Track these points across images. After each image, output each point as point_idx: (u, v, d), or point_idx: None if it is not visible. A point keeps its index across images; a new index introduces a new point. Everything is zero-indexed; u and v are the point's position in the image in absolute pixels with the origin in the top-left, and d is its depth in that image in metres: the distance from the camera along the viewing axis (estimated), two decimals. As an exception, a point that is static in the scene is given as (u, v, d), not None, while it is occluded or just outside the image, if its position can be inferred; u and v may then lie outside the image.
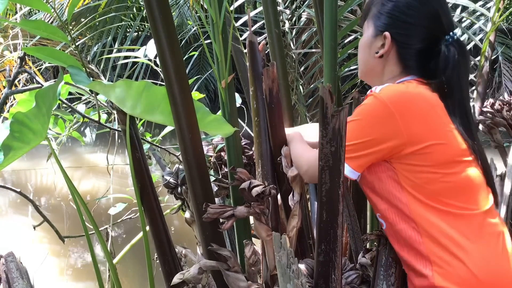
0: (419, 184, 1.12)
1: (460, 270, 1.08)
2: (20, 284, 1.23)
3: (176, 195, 1.50)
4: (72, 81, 1.19)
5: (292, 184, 1.24)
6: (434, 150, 1.11)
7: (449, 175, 1.12)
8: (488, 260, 1.09)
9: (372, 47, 1.24)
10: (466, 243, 1.09)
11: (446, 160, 1.12)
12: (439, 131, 1.12)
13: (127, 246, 1.87)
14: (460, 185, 1.13)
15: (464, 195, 1.13)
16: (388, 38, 1.20)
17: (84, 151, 7.96)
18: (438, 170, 1.11)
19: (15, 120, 1.11)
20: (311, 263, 1.21)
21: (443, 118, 1.14)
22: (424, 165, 1.11)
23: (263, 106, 1.32)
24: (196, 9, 4.17)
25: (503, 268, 1.11)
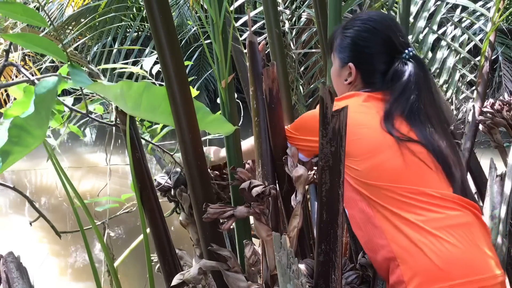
0: (363, 182, 1.21)
1: (422, 261, 1.12)
2: (20, 284, 1.23)
3: (169, 197, 1.49)
4: (72, 81, 1.19)
5: (295, 184, 1.25)
6: (355, 144, 1.23)
7: (376, 162, 1.21)
8: (449, 250, 1.13)
9: (341, 76, 1.41)
10: (425, 234, 1.14)
11: (368, 150, 1.22)
12: (355, 132, 1.23)
13: (129, 249, 1.87)
14: (395, 170, 1.21)
15: (404, 181, 1.20)
16: (353, 68, 1.37)
17: (84, 151, 7.97)
18: (364, 159, 1.21)
19: (13, 125, 1.09)
20: (311, 263, 1.21)
21: (361, 120, 1.26)
22: (353, 159, 1.22)
23: (263, 106, 1.32)
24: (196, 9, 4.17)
25: (467, 258, 1.13)
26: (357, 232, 1.26)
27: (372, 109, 1.29)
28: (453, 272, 1.11)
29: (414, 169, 1.22)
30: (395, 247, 1.16)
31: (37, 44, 1.15)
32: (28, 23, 1.17)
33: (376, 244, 1.20)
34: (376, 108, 1.29)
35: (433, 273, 1.11)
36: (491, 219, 1.78)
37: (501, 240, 1.75)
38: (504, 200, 1.77)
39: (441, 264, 1.11)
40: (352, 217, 1.26)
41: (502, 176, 1.83)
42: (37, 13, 1.13)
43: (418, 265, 1.12)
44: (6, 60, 1.36)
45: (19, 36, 1.20)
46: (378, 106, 1.30)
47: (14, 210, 5.47)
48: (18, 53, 3.46)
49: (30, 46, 1.16)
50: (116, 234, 4.62)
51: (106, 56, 3.79)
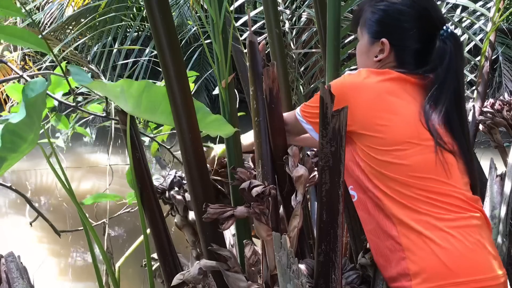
0: (379, 171, 1.16)
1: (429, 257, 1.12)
2: (20, 284, 1.23)
3: (164, 200, 1.49)
4: (73, 81, 1.19)
5: (295, 184, 1.24)
6: (381, 131, 1.16)
7: (401, 155, 1.15)
8: (458, 249, 1.12)
9: (370, 53, 1.30)
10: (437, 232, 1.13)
11: (395, 141, 1.15)
12: (383, 117, 1.17)
13: (130, 249, 1.87)
14: (420, 166, 1.15)
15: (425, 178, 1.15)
16: (387, 44, 1.26)
17: (84, 151, 7.96)
18: (390, 151, 1.15)
19: (6, 131, 1.08)
20: (311, 263, 1.21)
21: (392, 105, 1.18)
22: (373, 147, 1.16)
23: (263, 106, 1.32)
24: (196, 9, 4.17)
25: (473, 258, 1.13)
26: (363, 215, 1.23)
27: (406, 94, 1.20)
28: (458, 271, 1.11)
29: (436, 168, 1.17)
30: (405, 240, 1.14)
31: (18, 36, 1.14)
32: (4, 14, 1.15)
33: (384, 233, 1.18)
34: (411, 94, 1.20)
35: (439, 270, 1.11)
36: (491, 219, 1.78)
37: (501, 240, 1.75)
38: (504, 200, 1.77)
39: (448, 262, 1.11)
40: (361, 201, 1.22)
41: (502, 176, 1.83)
42: (12, 3, 1.12)
43: (425, 261, 1.12)
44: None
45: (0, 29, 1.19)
46: (413, 92, 1.21)
47: (14, 210, 5.46)
48: (18, 53, 3.46)
49: (11, 39, 1.15)
50: (116, 233, 4.62)
51: (106, 56, 3.78)
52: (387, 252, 1.18)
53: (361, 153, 1.18)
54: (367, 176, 1.18)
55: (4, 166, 1.15)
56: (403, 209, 1.15)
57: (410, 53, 1.25)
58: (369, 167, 1.17)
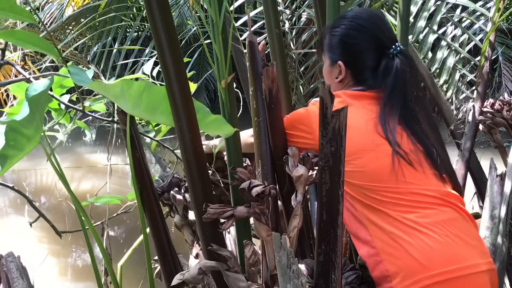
0: (346, 181, 1.20)
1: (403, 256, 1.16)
2: (20, 284, 1.23)
3: (163, 201, 1.49)
4: (73, 80, 1.19)
5: (295, 184, 1.25)
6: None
7: (359, 164, 1.23)
8: (429, 245, 1.16)
9: (332, 74, 1.42)
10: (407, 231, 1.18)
11: (351, 152, 1.19)
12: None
13: (130, 249, 1.87)
14: (378, 172, 1.22)
15: (385, 181, 1.22)
16: (342, 66, 1.38)
17: (84, 151, 7.96)
18: (349, 161, 1.20)
19: (9, 128, 1.09)
20: (311, 263, 1.21)
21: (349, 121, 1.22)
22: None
23: (263, 106, 1.32)
24: (196, 9, 4.17)
25: (447, 251, 1.16)
26: (346, 226, 1.30)
27: (360, 109, 1.29)
28: (430, 265, 1.15)
29: (394, 169, 1.23)
30: (378, 243, 1.20)
31: (27, 41, 1.14)
32: (16, 19, 1.15)
33: (362, 240, 1.24)
34: (365, 107, 1.30)
35: (413, 266, 1.15)
36: (491, 219, 1.78)
37: (501, 240, 1.75)
38: (504, 200, 1.78)
39: (421, 258, 1.15)
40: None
41: (502, 176, 1.83)
42: (24, 9, 1.12)
43: (400, 260, 1.16)
44: (2, 59, 1.36)
45: (9, 33, 1.19)
46: (368, 105, 1.31)
47: (14, 210, 5.47)
48: (18, 53, 3.46)
49: (20, 43, 1.15)
50: (116, 233, 4.62)
51: (106, 56, 3.78)
52: (366, 257, 1.24)
53: None
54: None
55: (7, 164, 1.15)
56: (372, 212, 1.21)
57: (364, 71, 1.37)
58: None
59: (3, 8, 1.10)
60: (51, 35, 4.08)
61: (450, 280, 1.14)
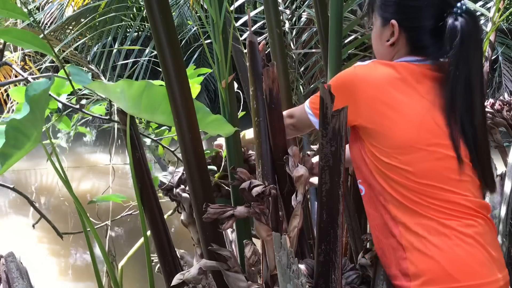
0: (383, 172, 1.14)
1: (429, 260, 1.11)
2: (20, 284, 1.23)
3: (171, 197, 1.49)
4: (73, 81, 1.19)
5: (296, 184, 1.24)
6: (384, 129, 1.12)
7: (404, 161, 1.12)
8: (458, 254, 1.11)
9: (383, 36, 1.24)
10: (440, 237, 1.12)
11: (397, 144, 1.12)
12: (385, 113, 1.13)
13: (132, 250, 1.87)
14: (424, 174, 1.12)
15: (429, 185, 1.12)
16: (396, 25, 1.20)
17: (84, 151, 7.96)
18: (393, 154, 1.12)
19: (9, 127, 1.09)
20: (311, 263, 1.21)
21: (395, 101, 1.13)
22: (378, 147, 1.13)
23: (263, 106, 1.32)
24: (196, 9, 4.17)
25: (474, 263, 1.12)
26: (368, 210, 1.22)
27: (413, 91, 1.14)
28: (457, 275, 1.10)
29: (441, 175, 1.13)
30: (405, 241, 1.14)
31: (22, 39, 1.13)
32: (8, 16, 1.15)
33: (387, 230, 1.17)
34: (420, 91, 1.15)
35: (438, 273, 1.11)
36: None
37: (501, 240, 1.75)
38: (504, 200, 1.78)
39: (448, 266, 1.10)
40: (368, 196, 1.21)
41: (502, 176, 1.83)
42: (17, 6, 1.11)
43: (425, 264, 1.12)
44: (1, 59, 1.36)
45: (4, 32, 1.17)
46: (424, 88, 1.15)
47: (14, 210, 5.47)
48: (18, 53, 3.46)
49: (16, 41, 1.14)
50: (117, 233, 4.62)
51: (106, 56, 3.78)
52: (390, 249, 1.17)
53: (368, 151, 1.17)
54: (373, 174, 1.16)
55: (7, 163, 1.15)
56: (406, 211, 1.14)
57: (422, 35, 1.19)
58: (375, 166, 1.16)
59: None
60: (51, 35, 4.08)
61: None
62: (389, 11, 1.22)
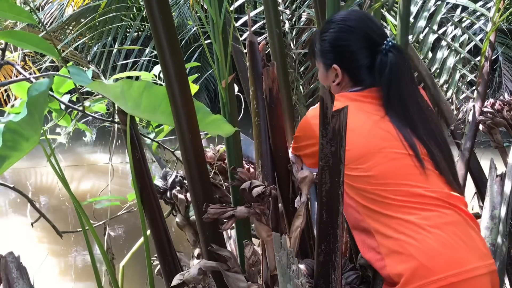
0: (351, 185, 1.23)
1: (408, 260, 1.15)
2: (20, 284, 1.23)
3: (165, 200, 1.49)
4: (73, 81, 1.19)
5: (300, 185, 1.25)
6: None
7: (364, 168, 1.23)
8: (433, 246, 1.16)
9: (328, 78, 1.42)
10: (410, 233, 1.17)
11: (355, 156, 1.23)
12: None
13: (132, 250, 1.87)
14: (383, 175, 1.23)
15: (390, 184, 1.22)
16: (338, 69, 1.38)
17: (84, 151, 7.96)
18: (354, 166, 1.23)
19: (7, 129, 1.08)
20: (311, 263, 1.21)
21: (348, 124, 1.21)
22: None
23: (263, 106, 1.32)
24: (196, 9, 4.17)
25: (450, 253, 1.16)
26: (352, 231, 1.30)
27: (361, 112, 1.29)
28: (435, 268, 1.14)
29: (401, 171, 1.24)
30: (383, 249, 1.19)
31: (27, 41, 1.14)
32: (15, 19, 1.15)
33: (366, 245, 1.24)
34: (366, 110, 1.30)
35: (416, 270, 1.14)
36: (491, 219, 1.78)
37: (501, 240, 1.74)
38: (504, 200, 1.77)
39: (423, 259, 1.14)
40: (347, 217, 1.29)
41: (502, 176, 1.83)
42: (24, 9, 1.12)
43: (402, 264, 1.16)
44: (2, 59, 1.35)
45: (9, 34, 1.19)
46: (369, 106, 1.31)
47: (14, 210, 5.46)
48: (18, 53, 3.46)
49: (21, 43, 1.15)
50: (117, 233, 4.62)
51: (106, 56, 3.78)
52: (372, 261, 1.24)
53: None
54: (346, 192, 1.23)
55: (5, 165, 1.15)
56: (377, 216, 1.21)
57: (360, 71, 1.36)
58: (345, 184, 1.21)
59: (2, 9, 1.09)
60: (51, 35, 4.08)
61: (453, 285, 1.14)
62: (329, 57, 1.39)
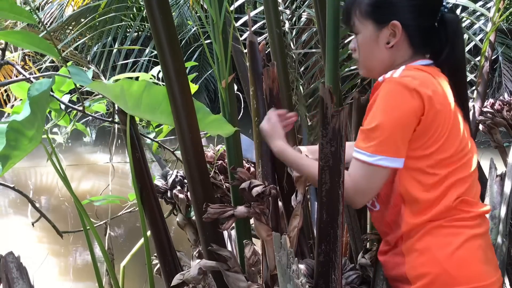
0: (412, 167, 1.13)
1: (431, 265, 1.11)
2: (20, 284, 1.23)
3: (166, 200, 1.49)
4: (73, 80, 1.19)
5: (296, 184, 1.25)
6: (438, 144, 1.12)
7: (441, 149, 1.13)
8: (462, 257, 1.12)
9: (380, 40, 1.20)
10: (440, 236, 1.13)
11: (446, 157, 1.13)
12: (447, 125, 1.12)
13: (133, 250, 1.87)
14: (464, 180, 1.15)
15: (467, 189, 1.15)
16: (398, 25, 1.16)
17: (84, 151, 7.96)
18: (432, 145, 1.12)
19: (10, 128, 1.09)
20: (311, 263, 1.21)
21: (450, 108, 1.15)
22: (419, 145, 1.12)
23: (263, 106, 1.32)
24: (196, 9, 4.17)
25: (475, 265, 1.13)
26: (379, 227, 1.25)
27: (444, 87, 1.15)
28: (460, 278, 1.11)
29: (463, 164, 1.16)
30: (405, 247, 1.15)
31: (28, 41, 1.14)
32: (16, 19, 1.15)
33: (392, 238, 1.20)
34: (445, 87, 1.16)
35: (439, 276, 1.11)
36: (491, 219, 1.77)
37: (501, 240, 1.74)
38: (504, 200, 1.77)
39: (450, 268, 1.10)
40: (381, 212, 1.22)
41: (502, 176, 1.83)
42: (24, 9, 1.12)
43: (425, 267, 1.12)
44: (2, 59, 1.36)
45: (10, 34, 1.18)
46: (445, 83, 1.17)
47: (14, 210, 5.46)
48: (18, 53, 3.46)
49: (22, 43, 1.15)
50: (117, 233, 4.62)
51: (106, 56, 3.78)
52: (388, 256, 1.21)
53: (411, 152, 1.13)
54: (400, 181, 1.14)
55: (8, 164, 1.15)
56: (418, 210, 1.13)
57: (420, 34, 1.18)
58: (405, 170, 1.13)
59: (3, 8, 1.09)
60: (51, 35, 4.07)
61: None
62: (386, 12, 1.18)
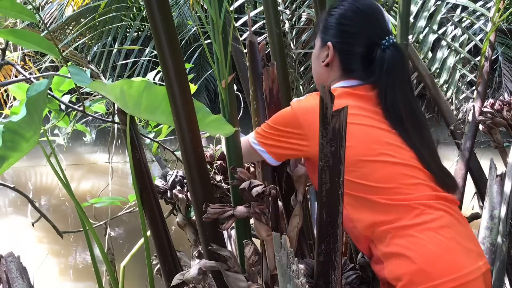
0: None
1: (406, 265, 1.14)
2: (20, 284, 1.23)
3: (166, 200, 1.49)
4: (73, 81, 1.19)
5: (295, 184, 1.25)
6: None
7: (359, 176, 1.19)
8: (431, 250, 1.14)
9: (319, 57, 1.36)
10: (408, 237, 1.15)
11: (352, 161, 1.17)
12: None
13: (133, 250, 1.87)
14: (377, 180, 1.19)
15: (386, 190, 1.19)
16: (331, 47, 1.32)
17: (84, 151, 7.96)
18: (350, 169, 1.16)
19: (6, 129, 1.08)
20: (311, 263, 1.21)
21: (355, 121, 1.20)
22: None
23: (263, 106, 1.32)
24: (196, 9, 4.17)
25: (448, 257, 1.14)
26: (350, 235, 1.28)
27: (356, 114, 1.23)
28: (435, 273, 1.12)
29: (394, 176, 1.20)
30: (381, 254, 1.18)
31: (28, 40, 1.14)
32: (17, 18, 1.15)
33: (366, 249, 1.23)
34: (361, 111, 1.24)
35: (416, 274, 1.13)
36: (491, 219, 1.78)
37: (501, 240, 1.75)
38: (504, 200, 1.77)
39: (424, 265, 1.12)
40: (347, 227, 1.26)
41: (502, 176, 1.83)
42: (25, 8, 1.12)
43: (401, 268, 1.14)
44: (3, 59, 1.35)
45: (10, 32, 1.18)
46: (364, 106, 1.25)
47: (14, 210, 5.47)
48: (18, 53, 3.46)
49: (21, 42, 1.15)
50: (117, 234, 4.62)
51: (106, 56, 3.78)
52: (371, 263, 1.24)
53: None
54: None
55: (5, 166, 1.15)
56: (374, 216, 1.18)
57: (352, 59, 1.31)
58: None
59: (4, 7, 1.09)
60: (51, 35, 4.08)
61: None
62: (329, 34, 1.33)
